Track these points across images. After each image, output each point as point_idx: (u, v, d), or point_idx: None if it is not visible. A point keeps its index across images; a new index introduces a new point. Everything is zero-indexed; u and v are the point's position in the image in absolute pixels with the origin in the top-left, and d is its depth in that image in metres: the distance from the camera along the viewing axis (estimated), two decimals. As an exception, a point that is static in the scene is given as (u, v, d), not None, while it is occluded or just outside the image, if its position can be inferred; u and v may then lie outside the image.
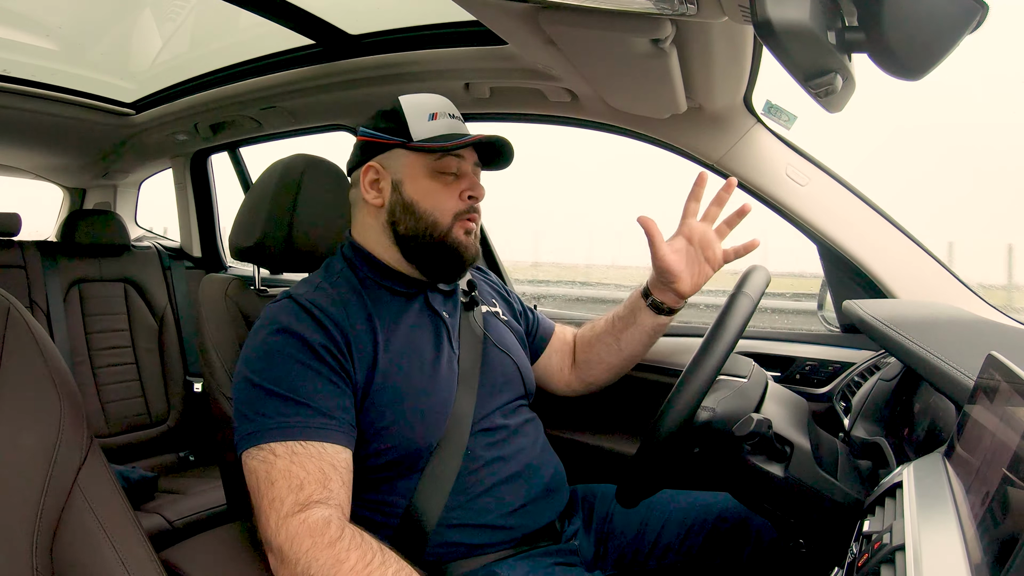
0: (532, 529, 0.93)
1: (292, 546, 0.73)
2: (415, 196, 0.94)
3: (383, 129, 0.96)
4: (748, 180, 1.24)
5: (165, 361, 2.19)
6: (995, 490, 0.45)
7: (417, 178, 0.94)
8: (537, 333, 1.19)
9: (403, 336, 0.92)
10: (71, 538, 0.72)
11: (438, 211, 0.93)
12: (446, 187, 0.94)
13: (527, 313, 1.20)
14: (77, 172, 2.60)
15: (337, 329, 0.86)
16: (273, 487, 0.77)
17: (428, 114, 0.95)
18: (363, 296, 0.93)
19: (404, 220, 0.94)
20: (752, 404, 0.82)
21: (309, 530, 0.73)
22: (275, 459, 0.78)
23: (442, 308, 0.99)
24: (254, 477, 0.79)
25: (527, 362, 1.09)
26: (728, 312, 0.82)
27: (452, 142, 0.91)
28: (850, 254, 1.19)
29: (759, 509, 0.83)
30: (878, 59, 0.59)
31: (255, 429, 0.80)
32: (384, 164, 0.96)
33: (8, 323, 0.74)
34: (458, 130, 0.96)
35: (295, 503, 0.75)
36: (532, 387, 1.07)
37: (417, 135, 0.93)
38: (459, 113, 0.99)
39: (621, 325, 1.12)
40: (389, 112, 0.96)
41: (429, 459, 0.88)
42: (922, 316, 0.90)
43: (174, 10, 1.48)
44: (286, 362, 0.83)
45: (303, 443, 0.79)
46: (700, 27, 0.87)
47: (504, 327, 1.08)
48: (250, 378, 0.83)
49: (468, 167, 0.96)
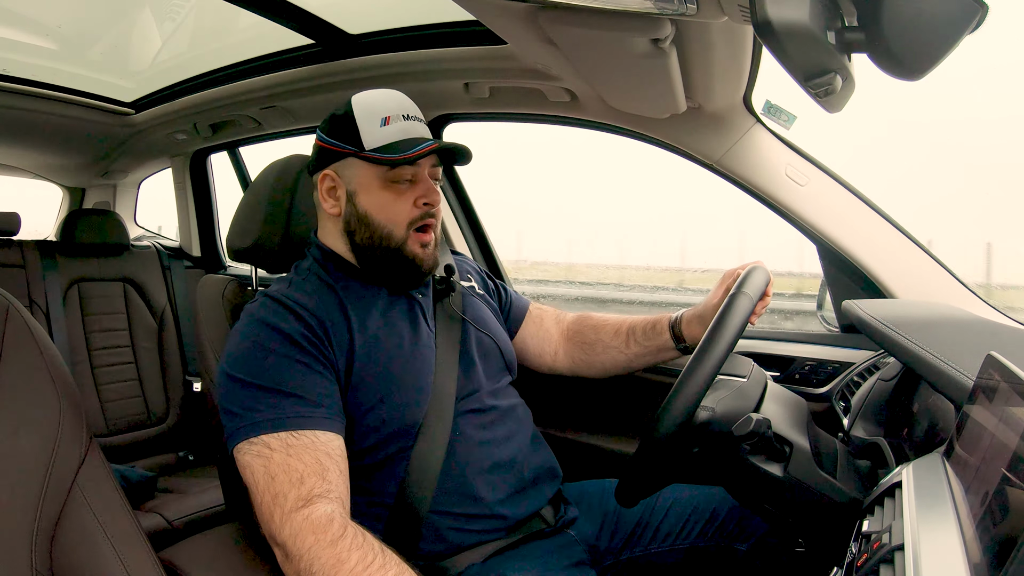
0: (524, 515, 0.94)
1: (296, 543, 0.73)
2: (369, 208, 0.93)
3: (337, 136, 0.93)
4: (747, 180, 1.24)
5: (164, 361, 2.19)
6: (994, 490, 0.45)
7: (371, 189, 0.92)
8: (511, 310, 1.19)
9: (377, 319, 0.92)
10: (70, 538, 0.72)
11: (392, 223, 0.92)
12: (399, 196, 0.92)
13: (500, 291, 1.20)
14: (77, 171, 2.60)
15: (314, 319, 0.87)
16: (274, 482, 0.77)
17: (380, 119, 0.91)
18: (334, 288, 0.93)
19: (360, 231, 0.94)
20: (751, 404, 0.82)
21: (312, 527, 0.74)
22: (271, 452, 0.78)
23: (415, 290, 1.00)
24: (250, 472, 0.79)
25: (507, 339, 1.10)
26: (728, 312, 0.82)
27: (402, 154, 0.89)
28: (849, 254, 1.19)
29: (758, 509, 0.83)
30: (878, 59, 0.59)
31: (245, 423, 0.80)
32: (339, 172, 0.95)
33: (7, 322, 0.74)
34: (413, 133, 0.93)
35: (298, 498, 0.76)
36: (514, 362, 1.08)
37: (369, 143, 0.91)
38: (415, 111, 0.95)
39: (638, 350, 1.12)
40: (342, 117, 0.93)
41: (416, 439, 0.89)
42: (921, 316, 0.90)
43: (174, 10, 1.48)
44: (269, 356, 0.84)
45: (296, 433, 0.79)
46: (700, 27, 0.87)
47: (482, 304, 1.09)
48: (234, 375, 0.84)
49: (424, 172, 0.93)
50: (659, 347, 1.10)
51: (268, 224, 1.08)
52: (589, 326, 1.18)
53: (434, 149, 0.90)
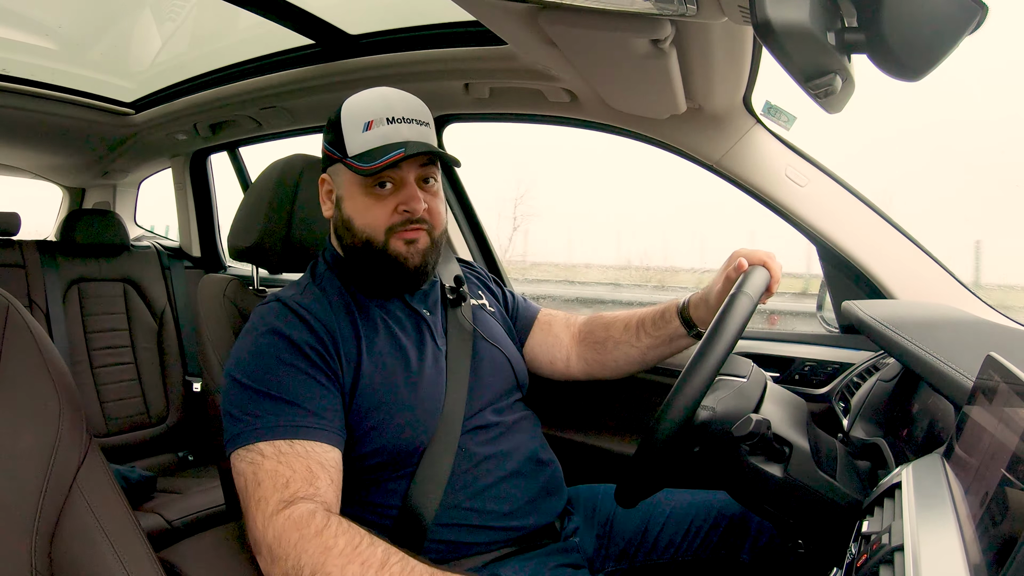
0: (531, 528, 0.93)
1: (280, 543, 0.73)
2: (351, 213, 0.92)
3: (329, 141, 0.93)
4: (747, 181, 1.24)
5: (164, 361, 2.19)
6: (994, 491, 0.45)
7: (354, 195, 0.92)
8: (518, 317, 1.17)
9: (385, 338, 0.92)
10: (70, 538, 0.71)
11: (370, 228, 0.91)
12: (380, 202, 0.90)
13: (507, 296, 1.19)
14: (76, 171, 2.60)
15: (325, 331, 0.87)
16: (260, 487, 0.76)
17: (363, 124, 0.89)
18: (346, 298, 0.93)
19: (346, 236, 0.93)
20: (751, 404, 0.82)
21: (295, 524, 0.73)
22: (263, 460, 0.78)
23: (422, 306, 0.99)
24: (242, 479, 0.79)
25: (518, 354, 1.08)
26: (728, 312, 0.82)
27: (371, 164, 0.86)
28: (849, 255, 1.19)
29: (758, 510, 0.83)
30: (878, 60, 0.59)
31: (243, 430, 0.80)
32: (332, 177, 0.95)
33: (7, 323, 0.74)
34: (394, 138, 0.88)
35: (280, 501, 0.75)
36: (525, 379, 1.06)
37: (351, 150, 0.89)
38: (404, 112, 0.90)
39: (649, 342, 1.09)
40: (334, 122, 0.92)
41: (421, 458, 0.88)
42: (921, 317, 0.90)
43: (174, 10, 1.48)
44: (275, 363, 0.83)
45: (290, 442, 0.79)
46: (700, 28, 0.87)
47: (492, 319, 1.08)
48: (239, 379, 0.83)
49: (408, 176, 0.90)
50: (670, 335, 1.07)
51: (270, 224, 1.08)
52: (599, 324, 1.15)
53: (405, 157, 0.86)
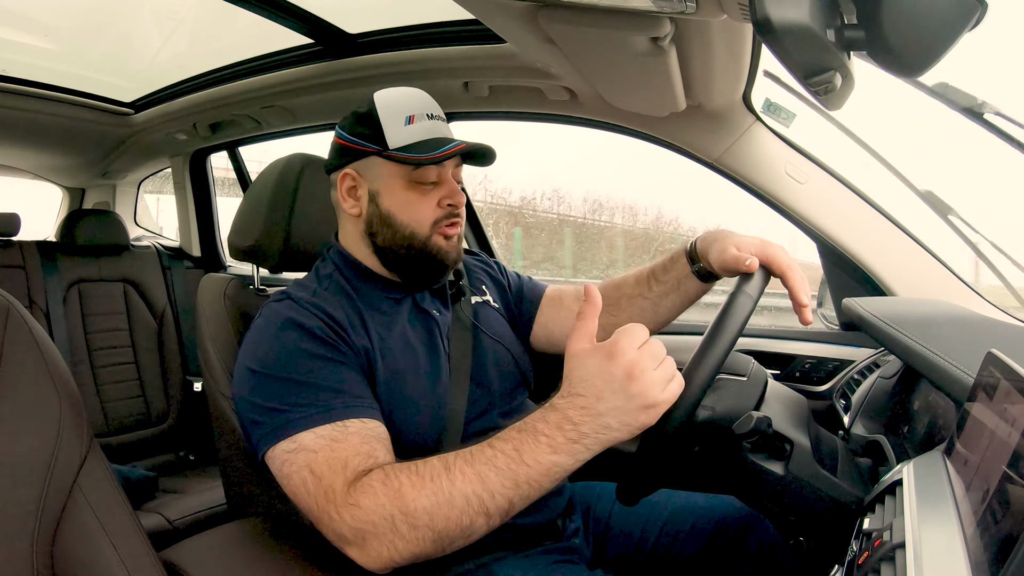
0: (532, 526, 0.93)
1: (363, 519, 0.70)
2: (392, 208, 0.91)
3: (359, 134, 0.91)
4: (747, 178, 1.24)
5: (165, 361, 2.19)
6: (995, 488, 0.45)
7: (394, 189, 0.91)
8: (524, 293, 1.14)
9: (396, 340, 0.91)
10: (71, 538, 0.72)
11: (415, 222, 0.90)
12: (424, 196, 0.91)
13: (511, 278, 1.16)
14: (76, 172, 2.60)
15: (341, 329, 0.86)
16: (321, 481, 0.73)
17: (405, 117, 0.89)
18: (355, 300, 0.92)
19: (382, 232, 0.92)
20: (752, 402, 0.82)
21: (365, 493, 0.71)
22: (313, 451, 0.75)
23: (432, 307, 0.98)
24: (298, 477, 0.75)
25: (522, 350, 1.06)
26: (728, 311, 0.82)
27: (430, 154, 0.87)
28: (849, 252, 1.19)
29: (759, 507, 0.83)
30: (877, 57, 0.59)
31: (281, 422, 0.77)
32: (360, 172, 0.92)
33: (8, 323, 0.74)
34: (438, 133, 0.90)
35: (344, 483, 0.72)
36: (529, 372, 1.05)
37: (393, 142, 0.88)
38: (438, 110, 0.93)
39: (660, 289, 1.02)
40: (364, 115, 0.91)
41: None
42: (921, 314, 0.90)
43: (173, 10, 1.48)
44: (304, 355, 0.81)
45: (339, 424, 0.76)
46: (699, 25, 0.87)
47: (496, 314, 1.06)
48: (268, 372, 0.80)
49: (448, 172, 0.92)
50: (678, 278, 1.00)
51: (270, 223, 1.08)
52: (610, 287, 1.10)
53: (462, 150, 0.88)
